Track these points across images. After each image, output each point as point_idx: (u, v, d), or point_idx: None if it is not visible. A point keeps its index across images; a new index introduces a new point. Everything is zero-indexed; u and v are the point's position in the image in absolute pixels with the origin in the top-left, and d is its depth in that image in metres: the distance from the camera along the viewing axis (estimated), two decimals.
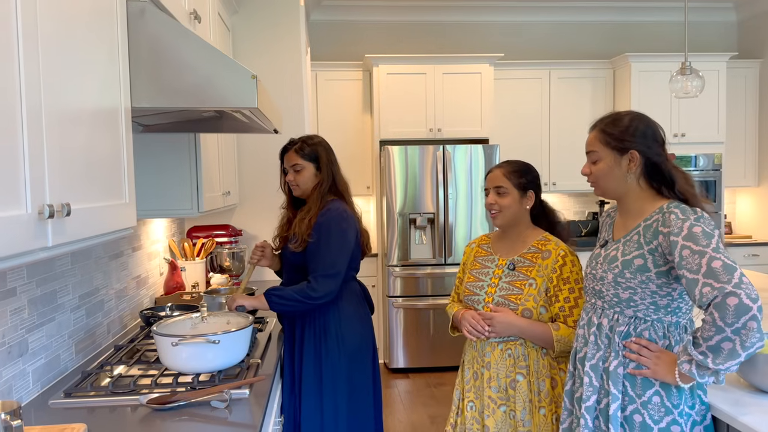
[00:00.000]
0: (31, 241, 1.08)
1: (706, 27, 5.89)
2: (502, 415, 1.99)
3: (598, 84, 5.49)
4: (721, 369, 1.47)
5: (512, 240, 2.11)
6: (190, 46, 1.73)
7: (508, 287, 2.03)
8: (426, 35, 5.67)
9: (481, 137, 5.18)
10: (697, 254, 1.50)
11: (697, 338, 1.50)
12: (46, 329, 1.91)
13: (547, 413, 1.97)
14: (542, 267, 2.02)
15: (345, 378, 2.35)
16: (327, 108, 5.26)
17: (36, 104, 1.12)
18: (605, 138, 1.71)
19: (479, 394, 2.05)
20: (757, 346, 1.43)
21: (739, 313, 1.42)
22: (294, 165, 2.41)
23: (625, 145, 1.68)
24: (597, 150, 1.73)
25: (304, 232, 2.32)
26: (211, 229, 3.71)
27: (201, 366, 1.85)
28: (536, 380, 1.99)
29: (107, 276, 2.46)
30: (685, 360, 1.53)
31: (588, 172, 1.76)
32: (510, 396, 1.99)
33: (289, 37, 3.91)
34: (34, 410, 1.69)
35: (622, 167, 1.69)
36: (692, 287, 1.51)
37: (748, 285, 1.45)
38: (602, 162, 1.72)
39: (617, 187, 1.72)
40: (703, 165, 5.34)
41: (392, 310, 4.94)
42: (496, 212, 2.06)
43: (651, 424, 1.62)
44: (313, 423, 2.32)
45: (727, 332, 1.43)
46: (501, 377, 2.00)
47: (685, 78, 3.75)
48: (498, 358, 2.01)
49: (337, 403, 2.33)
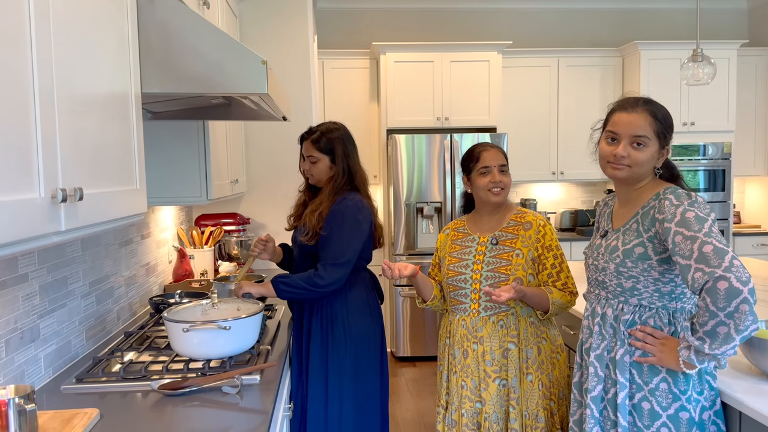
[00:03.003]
0: (44, 225, 1.08)
1: (717, 14, 5.83)
2: (496, 388, 2.07)
3: (607, 72, 5.45)
4: (718, 353, 1.47)
5: (489, 218, 2.20)
6: (199, 31, 1.72)
7: (495, 261, 2.10)
8: (434, 23, 5.63)
9: (489, 126, 5.15)
10: (689, 240, 1.50)
11: (694, 324, 1.50)
12: (57, 315, 1.92)
13: (533, 379, 2.07)
14: (526, 237, 2.11)
15: (351, 365, 2.35)
16: (334, 96, 5.25)
17: (48, 88, 1.11)
18: (659, 128, 1.64)
19: (470, 371, 2.11)
20: (751, 329, 1.43)
21: (729, 296, 1.42)
22: (309, 156, 2.41)
23: (668, 139, 1.67)
24: (649, 136, 1.63)
25: (315, 225, 2.31)
26: (219, 217, 3.71)
27: (212, 352, 1.86)
28: (525, 347, 2.08)
29: (117, 263, 2.46)
30: (684, 346, 1.53)
31: (626, 155, 1.64)
32: (503, 365, 2.08)
33: (296, 24, 3.89)
34: (47, 395, 1.70)
35: (656, 160, 1.67)
36: (685, 273, 1.51)
37: (739, 268, 1.44)
38: (649, 150, 1.64)
39: (644, 176, 1.69)
40: (712, 154, 5.30)
41: (399, 299, 4.95)
42: (500, 190, 2.13)
43: (659, 411, 1.62)
44: (318, 409, 2.34)
45: (720, 316, 1.43)
46: (494, 349, 2.08)
47: (697, 65, 3.71)
48: (491, 331, 2.09)
49: (343, 391, 2.34)
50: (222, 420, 1.51)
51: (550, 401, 2.08)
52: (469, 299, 2.12)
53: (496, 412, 2.07)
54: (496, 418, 2.07)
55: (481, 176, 2.13)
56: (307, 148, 2.42)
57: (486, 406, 2.07)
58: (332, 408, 2.33)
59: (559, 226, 5.69)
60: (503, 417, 2.08)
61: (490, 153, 2.14)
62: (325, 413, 2.34)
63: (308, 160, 2.41)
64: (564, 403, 2.12)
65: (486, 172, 2.12)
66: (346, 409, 2.35)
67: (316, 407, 2.34)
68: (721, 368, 1.55)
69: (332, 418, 2.33)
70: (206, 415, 1.55)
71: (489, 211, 2.20)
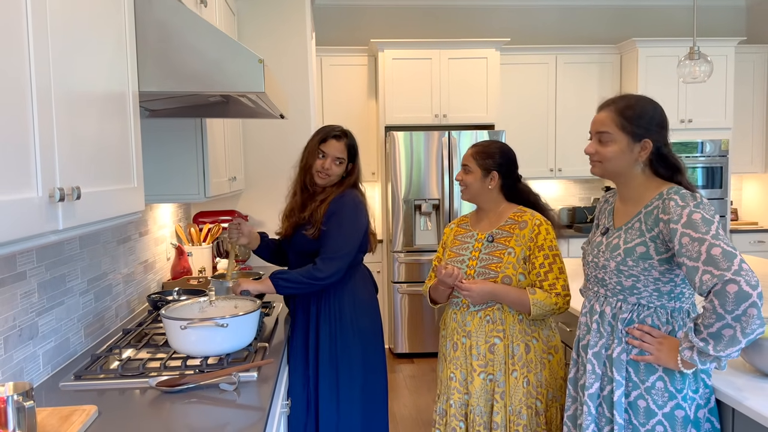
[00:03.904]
0: (42, 224, 1.09)
1: (715, 11, 5.83)
2: (481, 382, 2.10)
3: (605, 69, 5.45)
4: (722, 356, 1.47)
5: (489, 216, 2.23)
6: (197, 30, 1.72)
7: (488, 258, 2.14)
8: (432, 19, 5.63)
9: (487, 123, 5.16)
10: (696, 241, 1.50)
11: (698, 325, 1.50)
12: (55, 313, 1.93)
13: (518, 376, 2.08)
14: (520, 236, 2.12)
15: (360, 361, 2.39)
16: (332, 93, 5.25)
17: (46, 87, 1.12)
18: (622, 122, 1.67)
19: (458, 364, 2.15)
20: (757, 332, 1.44)
21: (739, 300, 1.42)
22: (339, 157, 2.40)
23: (641, 133, 1.66)
24: (611, 132, 1.69)
25: (320, 219, 2.34)
26: (217, 214, 3.72)
27: (209, 349, 1.87)
28: (511, 344, 2.09)
29: (115, 260, 2.47)
30: (687, 347, 1.54)
31: (593, 152, 1.73)
32: (489, 360, 2.10)
33: (294, 21, 3.89)
34: (45, 392, 1.71)
35: (634, 153, 1.68)
36: (692, 275, 1.51)
37: (748, 272, 1.45)
38: (615, 145, 1.68)
39: (622, 172, 1.71)
40: (710, 151, 5.31)
41: (397, 296, 4.96)
42: (463, 188, 2.23)
43: (655, 409, 1.63)
44: (329, 406, 2.36)
45: (727, 319, 1.44)
46: (481, 344, 2.11)
47: (694, 63, 3.72)
48: (478, 325, 2.12)
49: (353, 386, 2.38)
50: (220, 417, 1.52)
51: (536, 400, 2.08)
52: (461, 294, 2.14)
53: (480, 406, 2.10)
54: (480, 411, 2.10)
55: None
56: (339, 148, 2.40)
57: (472, 399, 2.11)
58: (344, 403, 2.37)
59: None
60: (488, 411, 2.11)
61: (466, 152, 2.23)
62: (337, 409, 2.37)
63: (335, 161, 2.39)
64: (554, 405, 2.12)
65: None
66: (356, 405, 2.38)
67: (327, 404, 2.37)
68: (720, 369, 1.56)
69: (344, 414, 2.37)
70: (204, 411, 1.56)
71: (486, 209, 2.23)
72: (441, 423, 2.21)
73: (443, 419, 2.20)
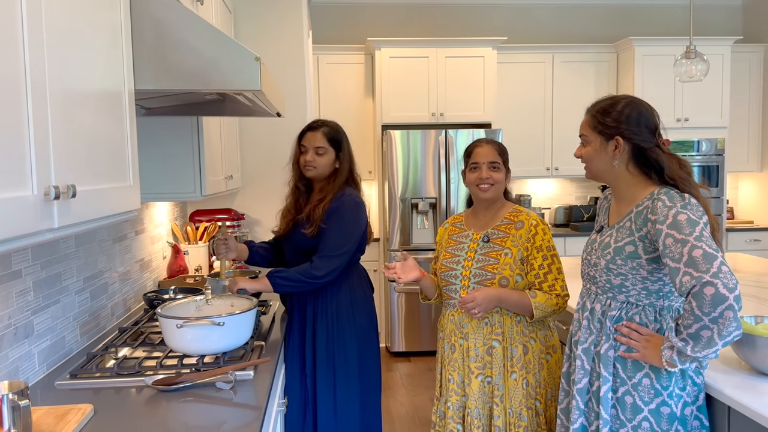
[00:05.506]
0: (37, 222, 1.08)
1: (711, 10, 5.84)
2: (479, 385, 2.09)
3: (601, 68, 5.46)
4: (699, 357, 1.49)
5: (485, 215, 2.21)
6: (193, 27, 1.72)
7: (484, 258, 2.11)
8: (428, 18, 5.63)
9: (484, 121, 5.16)
10: (679, 243, 1.52)
11: (678, 325, 1.52)
12: (51, 311, 1.92)
13: (518, 378, 2.07)
14: (516, 237, 2.10)
15: (356, 359, 2.40)
16: (328, 92, 5.24)
17: (41, 85, 1.11)
18: (594, 122, 1.73)
19: (456, 366, 2.14)
20: (734, 335, 1.45)
21: (715, 302, 1.44)
22: (318, 147, 2.40)
23: (611, 131, 1.69)
24: (587, 134, 1.75)
25: (319, 217, 2.34)
26: (213, 213, 3.71)
27: (206, 348, 1.86)
28: (510, 346, 2.08)
29: (111, 259, 2.46)
30: (668, 346, 1.56)
31: (578, 155, 1.79)
32: (487, 363, 2.09)
33: (290, 19, 3.89)
34: (41, 391, 1.71)
35: (608, 152, 1.71)
36: (674, 275, 1.52)
37: (727, 274, 1.46)
38: (590, 146, 1.74)
39: (605, 171, 1.75)
40: (706, 150, 5.32)
41: (393, 295, 4.96)
42: (489, 186, 2.13)
43: (641, 406, 1.65)
44: (327, 404, 2.37)
45: (705, 321, 1.45)
46: (479, 346, 2.09)
47: (690, 62, 3.73)
48: (476, 328, 2.10)
49: (350, 384, 2.39)
50: (216, 415, 1.52)
51: (536, 401, 2.08)
52: (458, 295, 2.14)
53: (478, 408, 2.09)
54: (478, 413, 2.09)
55: (471, 172, 2.17)
56: (316, 138, 2.40)
57: (469, 401, 2.10)
58: (340, 402, 2.38)
59: (553, 221, 5.71)
60: (486, 413, 2.09)
61: (483, 149, 2.15)
62: (335, 406, 2.38)
63: (315, 151, 2.40)
64: (553, 404, 2.12)
65: (475, 168, 2.15)
66: (353, 403, 2.39)
67: (325, 402, 2.38)
68: (702, 369, 1.58)
69: (342, 412, 2.37)
70: (200, 410, 1.56)
71: (483, 207, 2.21)
72: (440, 425, 2.21)
73: (442, 421, 2.20)
